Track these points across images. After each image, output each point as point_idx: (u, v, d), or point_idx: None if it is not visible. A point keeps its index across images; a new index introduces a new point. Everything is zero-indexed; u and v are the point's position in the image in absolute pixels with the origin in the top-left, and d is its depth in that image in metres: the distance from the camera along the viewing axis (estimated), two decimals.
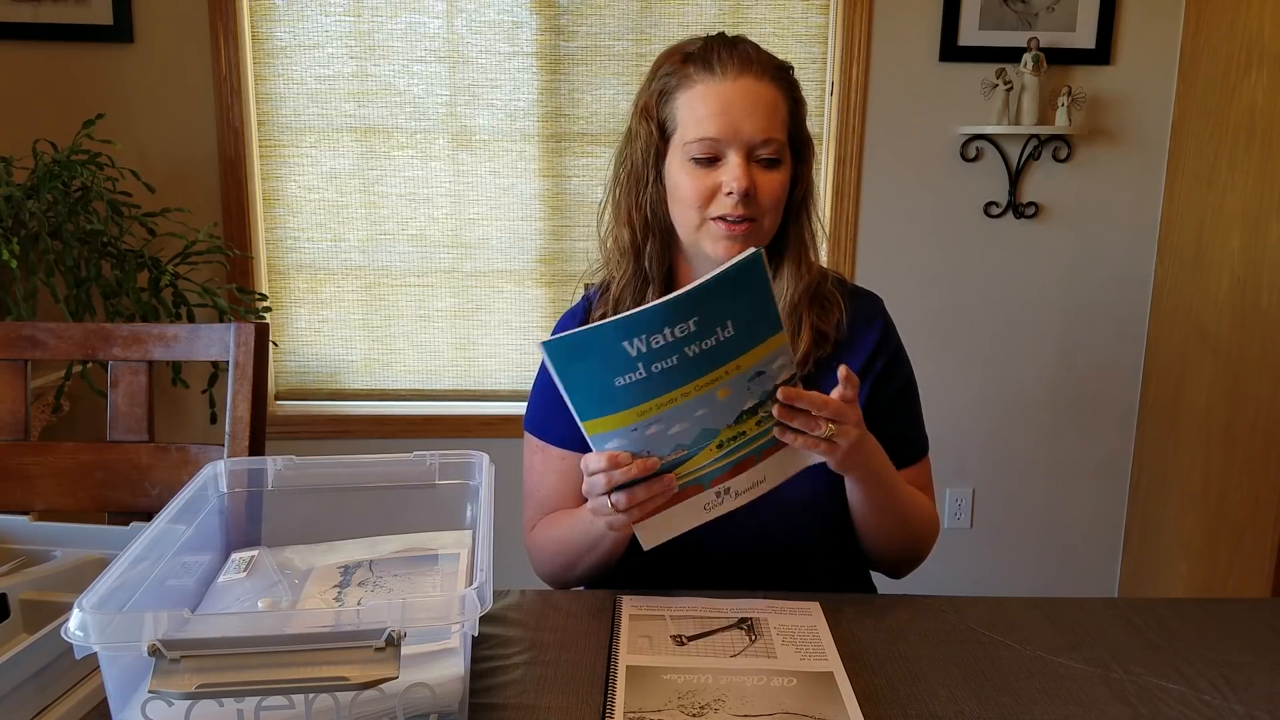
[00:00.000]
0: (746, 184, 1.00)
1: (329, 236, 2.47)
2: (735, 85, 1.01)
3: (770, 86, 1.02)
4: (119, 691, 0.65)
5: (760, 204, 1.02)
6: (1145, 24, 2.40)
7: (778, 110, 1.02)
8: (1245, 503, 2.11)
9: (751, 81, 1.01)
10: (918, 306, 2.52)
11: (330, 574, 0.87)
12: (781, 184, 1.03)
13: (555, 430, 1.12)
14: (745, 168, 1.00)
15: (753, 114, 1.00)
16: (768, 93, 1.02)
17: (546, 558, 1.11)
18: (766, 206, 1.03)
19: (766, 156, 1.01)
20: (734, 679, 0.81)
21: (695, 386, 0.83)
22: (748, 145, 1.01)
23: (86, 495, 1.19)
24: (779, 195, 1.03)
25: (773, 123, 1.01)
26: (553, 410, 1.11)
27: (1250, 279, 2.11)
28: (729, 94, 1.01)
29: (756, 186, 1.01)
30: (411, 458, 0.94)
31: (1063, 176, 2.47)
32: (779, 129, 1.02)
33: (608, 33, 2.40)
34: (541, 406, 1.14)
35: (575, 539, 1.04)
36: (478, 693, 0.80)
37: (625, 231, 1.09)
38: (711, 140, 1.01)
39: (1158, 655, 0.88)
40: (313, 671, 0.62)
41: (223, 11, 2.30)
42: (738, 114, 1.00)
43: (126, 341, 1.18)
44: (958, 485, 2.59)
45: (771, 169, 1.02)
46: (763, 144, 1.01)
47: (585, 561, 1.05)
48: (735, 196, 1.00)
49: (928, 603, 0.98)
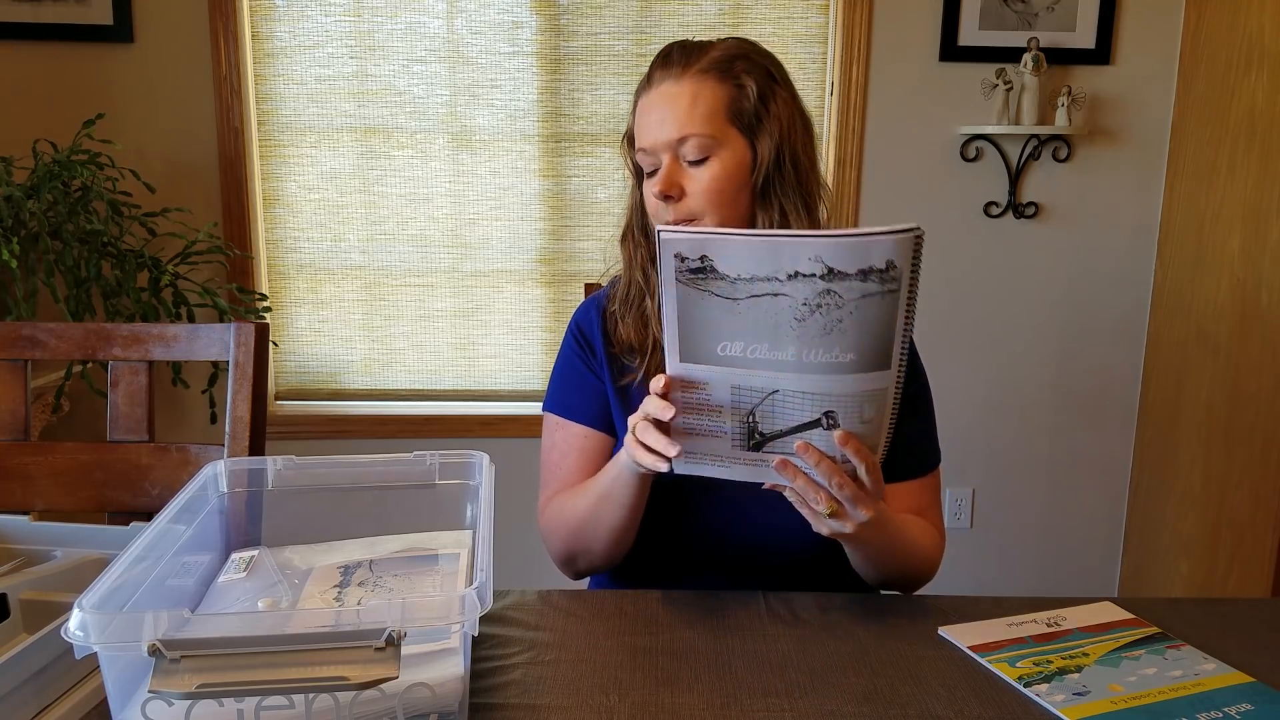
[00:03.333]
0: (662, 186, 1.01)
1: (329, 236, 2.47)
2: (657, 92, 1.03)
3: (690, 83, 1.01)
4: (119, 691, 0.65)
5: (690, 205, 1.02)
6: (1145, 24, 2.40)
7: (697, 104, 1.00)
8: (1245, 503, 2.11)
9: (670, 85, 1.02)
10: (918, 306, 2.51)
11: (330, 574, 0.87)
12: (713, 177, 1.01)
13: (578, 408, 1.13)
14: (670, 170, 1.01)
15: (667, 117, 1.01)
16: (685, 90, 1.01)
17: (560, 526, 1.09)
18: (700, 205, 1.02)
19: (691, 157, 1.01)
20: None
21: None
22: (670, 148, 1.01)
23: (86, 495, 1.19)
24: (713, 189, 1.01)
25: (689, 119, 1.00)
26: (574, 389, 1.13)
27: (1250, 279, 2.11)
28: (652, 102, 1.03)
29: (684, 186, 1.01)
30: (411, 458, 0.94)
31: (1063, 176, 2.47)
32: (698, 123, 1.00)
33: (608, 33, 2.40)
34: (563, 386, 1.15)
35: (593, 492, 1.03)
36: (478, 693, 0.80)
37: (623, 243, 1.13)
38: (644, 152, 1.04)
39: None
40: (313, 671, 0.62)
41: (223, 11, 2.30)
42: (655, 120, 1.02)
43: (126, 341, 1.18)
44: (958, 485, 2.59)
45: (699, 165, 1.01)
46: (680, 142, 1.01)
47: (601, 523, 1.03)
48: (663, 201, 1.02)
49: (928, 602, 0.98)
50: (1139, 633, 0.91)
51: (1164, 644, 0.89)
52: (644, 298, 1.10)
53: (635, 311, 1.11)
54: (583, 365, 1.14)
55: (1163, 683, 0.82)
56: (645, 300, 1.10)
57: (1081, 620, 0.94)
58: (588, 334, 1.15)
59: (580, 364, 1.14)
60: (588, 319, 1.15)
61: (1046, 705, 0.78)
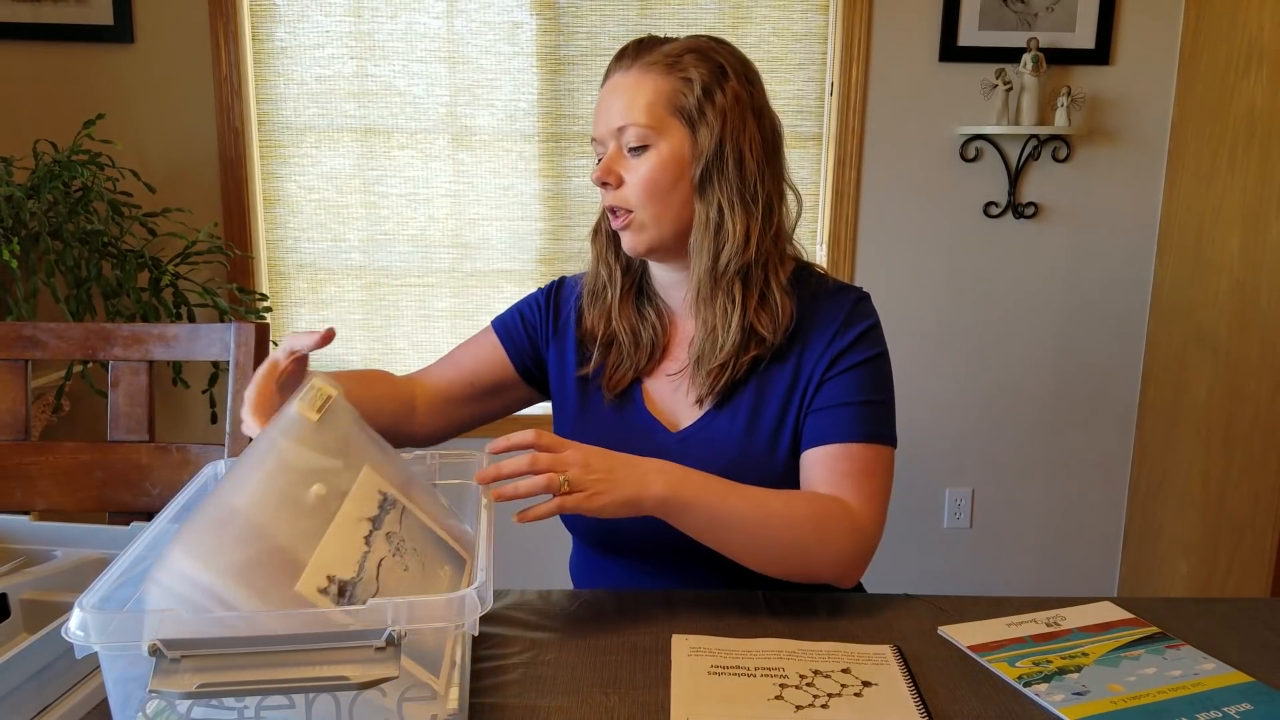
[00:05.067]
0: (599, 173, 1.03)
1: (329, 236, 2.47)
2: (608, 84, 1.06)
3: (635, 74, 1.03)
4: (119, 691, 0.65)
5: (626, 194, 1.03)
6: (1145, 24, 2.40)
7: (638, 94, 1.02)
8: (1245, 503, 2.12)
9: (619, 76, 1.04)
10: (917, 306, 2.52)
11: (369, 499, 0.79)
12: (649, 167, 1.02)
13: (504, 326, 1.19)
14: (610, 158, 1.04)
15: (610, 106, 1.03)
16: (629, 81, 1.03)
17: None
18: (634, 195, 1.03)
19: (631, 145, 1.03)
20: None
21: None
22: (614, 137, 1.03)
23: (87, 495, 1.19)
24: (647, 179, 1.02)
25: (630, 108, 1.02)
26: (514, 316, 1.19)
27: (1250, 279, 2.11)
28: (603, 94, 1.06)
29: (622, 174, 1.03)
30: (411, 458, 0.94)
31: (1062, 176, 2.47)
32: (638, 113, 1.01)
33: (608, 33, 2.40)
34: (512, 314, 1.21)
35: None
36: (478, 693, 0.80)
37: (593, 239, 1.17)
38: (596, 142, 1.07)
39: None
40: (313, 671, 0.62)
41: (223, 12, 2.30)
42: (601, 110, 1.05)
43: (127, 341, 1.18)
44: (957, 485, 2.59)
45: (639, 155, 1.02)
46: (619, 132, 1.03)
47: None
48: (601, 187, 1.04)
49: (928, 603, 0.98)
50: (1138, 632, 0.91)
51: (1163, 644, 0.89)
52: (607, 291, 1.14)
53: (600, 305, 1.15)
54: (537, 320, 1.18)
55: (1162, 682, 0.82)
56: (609, 293, 1.14)
57: (1081, 620, 0.94)
58: (561, 308, 1.18)
59: (536, 319, 1.18)
60: (570, 296, 1.19)
61: (1046, 705, 0.79)
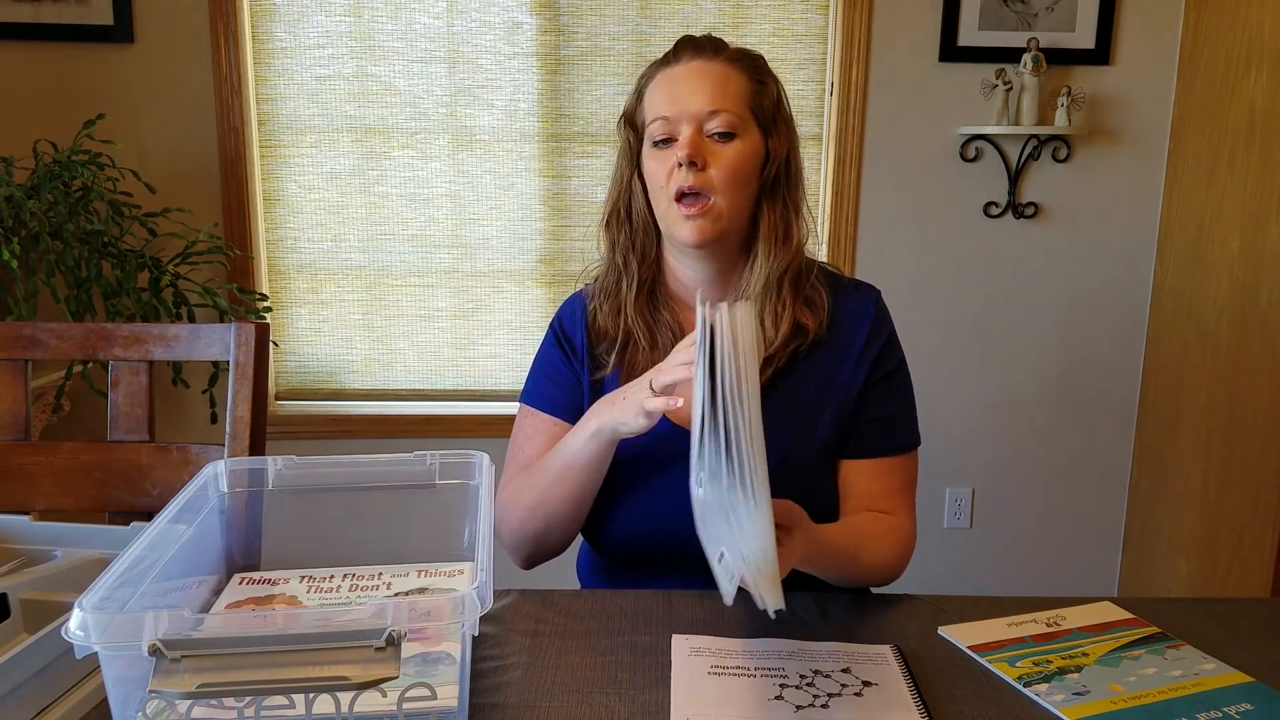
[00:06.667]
0: (689, 150, 1.01)
1: (329, 236, 2.47)
2: (685, 68, 1.05)
3: (722, 65, 1.05)
4: (119, 691, 0.65)
5: (711, 177, 1.02)
6: (1145, 24, 2.40)
7: (729, 84, 1.04)
8: (1245, 502, 2.11)
9: (701, 63, 1.05)
10: (917, 306, 2.52)
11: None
12: (738, 155, 1.02)
13: (552, 401, 1.15)
14: (694, 138, 1.02)
15: (699, 89, 1.03)
16: (717, 70, 1.04)
17: (518, 504, 1.10)
18: (719, 180, 1.02)
19: (718, 130, 1.02)
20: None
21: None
22: (696, 118, 1.03)
23: (87, 495, 1.19)
24: (735, 166, 1.02)
25: (722, 95, 1.03)
26: (550, 382, 1.16)
27: (1250, 279, 2.11)
28: (679, 76, 1.05)
29: (708, 158, 1.02)
30: (411, 458, 0.94)
31: (1062, 177, 2.47)
32: (730, 101, 1.03)
33: (608, 33, 2.40)
34: (539, 378, 1.18)
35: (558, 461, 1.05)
36: (478, 693, 0.80)
37: (605, 228, 1.13)
38: (663, 120, 1.04)
39: None
40: (313, 671, 0.62)
41: (223, 11, 2.30)
42: (684, 91, 1.04)
43: (127, 341, 1.18)
44: (957, 485, 2.59)
45: (725, 141, 1.03)
46: (710, 115, 1.02)
47: (567, 495, 1.05)
48: (684, 166, 1.01)
49: (928, 602, 0.98)
50: (1139, 633, 0.91)
51: (1164, 644, 0.89)
52: (621, 283, 1.11)
53: (612, 300, 1.12)
54: (560, 360, 1.16)
55: (1162, 682, 0.82)
56: (622, 286, 1.11)
57: (1081, 620, 0.94)
58: (569, 330, 1.16)
59: (557, 359, 1.16)
60: (571, 315, 1.17)
61: (1046, 705, 0.79)
